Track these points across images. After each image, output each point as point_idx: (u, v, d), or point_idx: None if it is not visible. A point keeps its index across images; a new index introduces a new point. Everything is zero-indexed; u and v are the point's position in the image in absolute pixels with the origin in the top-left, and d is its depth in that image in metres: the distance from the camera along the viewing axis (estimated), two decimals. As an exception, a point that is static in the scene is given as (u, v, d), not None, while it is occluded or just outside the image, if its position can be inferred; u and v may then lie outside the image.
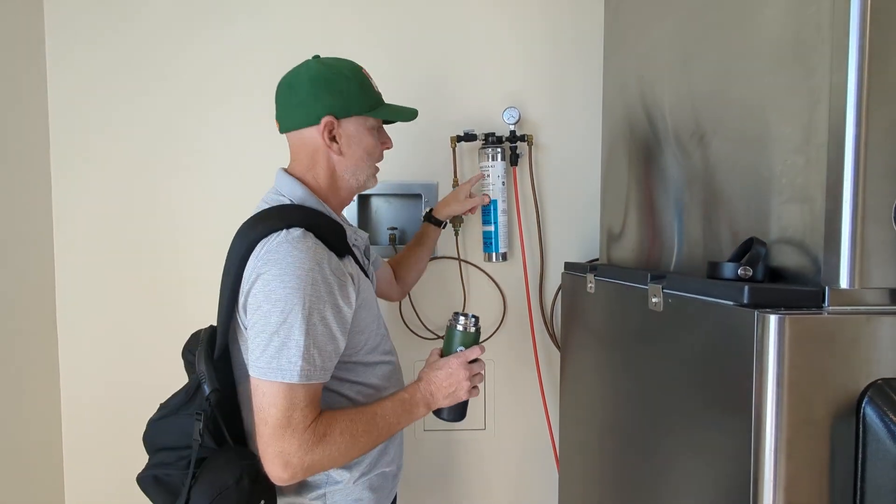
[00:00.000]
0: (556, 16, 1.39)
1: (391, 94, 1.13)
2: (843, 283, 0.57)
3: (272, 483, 0.78)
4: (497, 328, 1.42)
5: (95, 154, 1.34)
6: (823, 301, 0.58)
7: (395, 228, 1.39)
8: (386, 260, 1.24)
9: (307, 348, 0.74)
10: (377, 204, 1.44)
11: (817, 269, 0.60)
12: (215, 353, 0.84)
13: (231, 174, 1.36)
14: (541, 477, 1.45)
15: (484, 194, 1.31)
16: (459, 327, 0.96)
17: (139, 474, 0.83)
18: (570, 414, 1.23)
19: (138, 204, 1.35)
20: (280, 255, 0.74)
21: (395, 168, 1.39)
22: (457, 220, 1.36)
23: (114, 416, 1.36)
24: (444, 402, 0.91)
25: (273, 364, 0.73)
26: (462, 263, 1.41)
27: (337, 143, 0.87)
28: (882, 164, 0.56)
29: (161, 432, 0.83)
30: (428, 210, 1.28)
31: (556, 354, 1.41)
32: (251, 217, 0.83)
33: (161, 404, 0.86)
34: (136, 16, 1.33)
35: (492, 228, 1.34)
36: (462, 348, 0.95)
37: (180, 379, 0.90)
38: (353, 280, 0.82)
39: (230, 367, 0.87)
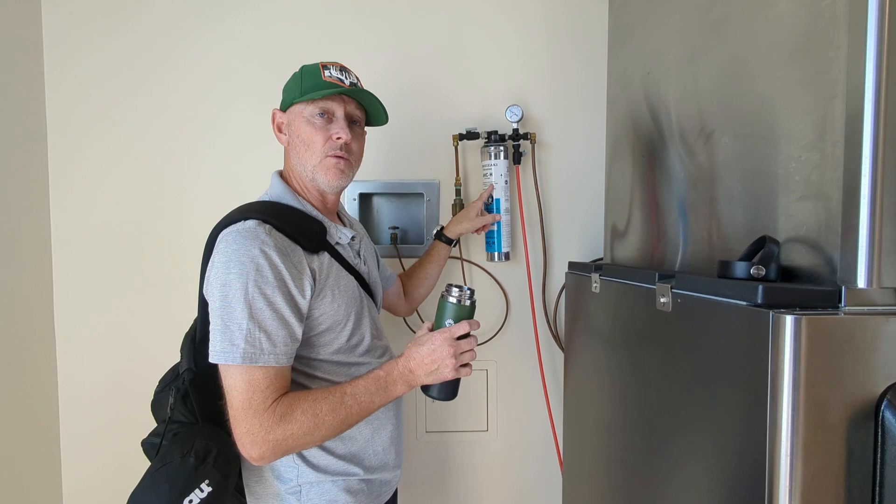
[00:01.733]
0: (559, 12, 1.38)
1: (392, 93, 1.12)
2: (861, 282, 0.55)
3: (227, 469, 0.80)
4: (500, 328, 1.41)
5: (92, 153, 1.32)
6: (840, 301, 0.56)
7: (397, 228, 1.38)
8: (397, 275, 1.23)
9: (250, 331, 0.75)
10: (378, 203, 1.42)
11: (832, 268, 0.59)
12: (197, 336, 0.88)
13: (227, 169, 1.35)
14: (544, 479, 1.43)
15: (488, 199, 1.30)
16: (452, 300, 0.88)
17: (143, 439, 0.89)
18: (574, 415, 1.22)
19: (135, 202, 1.34)
20: (227, 243, 0.78)
21: (397, 167, 1.38)
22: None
23: (111, 413, 1.35)
24: (427, 380, 0.86)
25: (217, 347, 0.76)
26: (464, 263, 1.39)
27: (284, 134, 0.93)
28: (900, 161, 0.54)
29: (157, 404, 0.91)
30: (439, 228, 1.27)
31: (560, 355, 1.39)
32: (220, 221, 0.86)
33: (160, 379, 0.94)
34: (135, 17, 1.32)
35: (494, 227, 1.32)
36: (451, 322, 0.88)
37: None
38: (313, 275, 0.82)
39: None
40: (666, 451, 0.77)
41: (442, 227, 1.26)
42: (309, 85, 0.88)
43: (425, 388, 0.89)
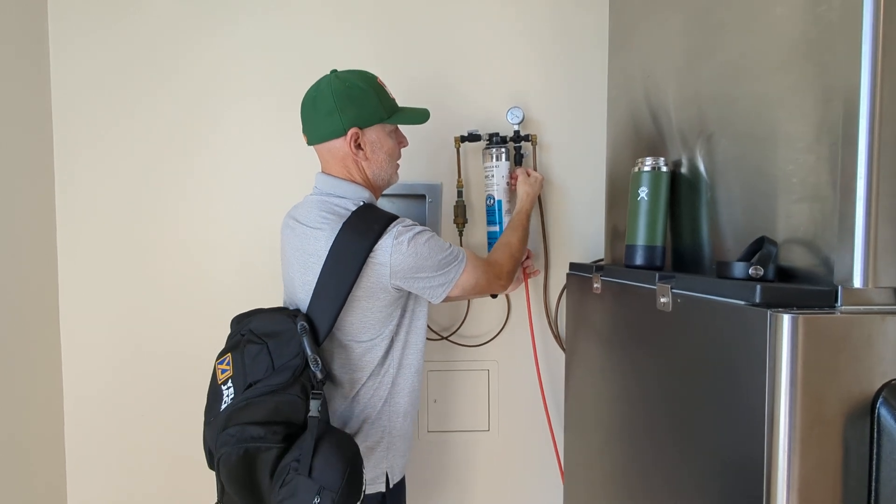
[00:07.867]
0: (560, 15, 1.39)
1: (395, 96, 1.13)
2: (857, 282, 0.57)
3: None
4: (501, 329, 1.42)
5: (99, 154, 1.33)
6: (836, 301, 0.57)
7: (399, 229, 1.39)
8: None
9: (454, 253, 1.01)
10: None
11: (828, 268, 0.60)
12: (320, 339, 0.95)
13: (235, 170, 1.36)
14: (545, 478, 1.44)
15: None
16: None
17: (222, 452, 0.83)
18: (575, 415, 1.23)
19: (141, 203, 1.35)
20: (408, 233, 0.95)
21: (400, 169, 1.39)
22: (460, 221, 1.36)
23: (116, 414, 1.36)
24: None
25: (451, 275, 0.99)
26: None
27: (362, 149, 1.01)
28: (895, 162, 0.55)
29: (255, 409, 0.85)
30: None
31: (560, 355, 1.40)
32: (350, 226, 0.94)
33: (249, 384, 0.88)
34: (142, 15, 1.33)
35: (496, 229, 1.33)
36: None
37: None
38: None
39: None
40: (667, 448, 0.78)
41: None
42: (388, 106, 1.02)
43: None
